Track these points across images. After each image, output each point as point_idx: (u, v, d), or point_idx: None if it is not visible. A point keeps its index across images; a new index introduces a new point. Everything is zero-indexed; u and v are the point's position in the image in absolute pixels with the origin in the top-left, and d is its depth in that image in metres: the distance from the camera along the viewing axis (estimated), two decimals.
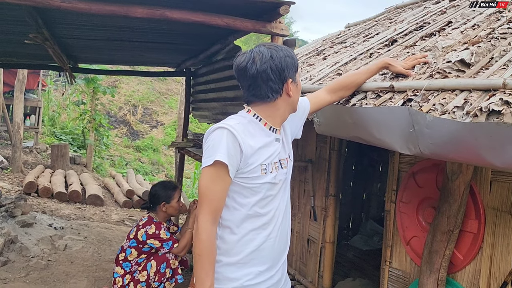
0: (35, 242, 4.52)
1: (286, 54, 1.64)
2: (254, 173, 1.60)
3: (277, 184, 1.68)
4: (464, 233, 2.18)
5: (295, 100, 1.71)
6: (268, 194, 1.65)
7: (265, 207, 1.66)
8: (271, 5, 2.55)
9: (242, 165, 1.57)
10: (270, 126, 1.67)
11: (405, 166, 2.64)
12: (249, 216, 1.64)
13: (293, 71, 1.66)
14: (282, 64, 1.61)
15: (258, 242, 1.66)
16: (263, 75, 1.60)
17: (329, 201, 3.43)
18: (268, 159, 1.63)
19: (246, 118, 1.65)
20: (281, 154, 1.72)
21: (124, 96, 19.01)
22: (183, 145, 5.14)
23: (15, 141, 9.15)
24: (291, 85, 1.65)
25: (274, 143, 1.68)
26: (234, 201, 1.63)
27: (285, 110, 1.71)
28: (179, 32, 3.53)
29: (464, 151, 1.49)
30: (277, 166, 1.68)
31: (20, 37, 3.54)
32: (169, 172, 14.99)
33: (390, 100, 1.88)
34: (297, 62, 1.70)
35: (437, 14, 3.15)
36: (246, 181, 1.60)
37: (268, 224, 1.68)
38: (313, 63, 3.69)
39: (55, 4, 2.21)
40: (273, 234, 1.70)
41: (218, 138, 1.54)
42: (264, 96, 1.64)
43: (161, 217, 3.28)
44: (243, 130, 1.58)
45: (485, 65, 1.76)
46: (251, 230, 1.65)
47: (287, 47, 1.70)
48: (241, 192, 1.62)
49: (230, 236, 1.65)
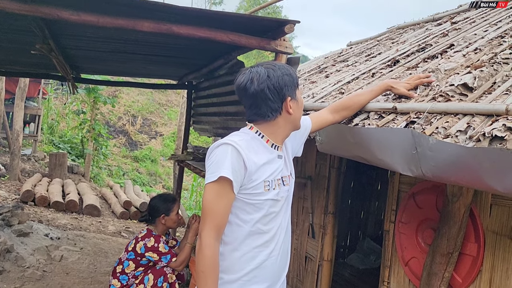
0: (31, 252, 4.48)
1: (284, 72, 1.65)
2: (258, 189, 1.60)
3: (279, 201, 1.69)
4: (463, 256, 2.18)
5: (296, 117, 1.72)
6: (271, 211, 1.66)
7: (268, 224, 1.66)
8: (276, 23, 2.58)
9: (245, 181, 1.58)
10: (272, 143, 1.69)
11: (405, 187, 2.65)
12: (252, 233, 1.64)
13: (292, 89, 1.67)
14: (280, 83, 1.63)
15: (260, 260, 1.66)
16: (261, 95, 1.63)
17: (328, 219, 3.43)
18: (271, 175, 1.64)
19: (249, 135, 1.67)
20: (283, 171, 1.73)
21: (124, 106, 19.05)
22: (183, 158, 5.14)
23: (14, 148, 9.13)
24: (290, 103, 1.66)
25: (276, 160, 1.69)
26: (237, 217, 1.63)
27: (286, 128, 1.72)
28: (183, 46, 3.56)
29: (466, 175, 1.50)
30: (280, 183, 1.69)
31: (26, 47, 3.56)
32: (166, 183, 14.95)
33: (392, 121, 1.90)
34: (297, 79, 1.71)
35: (439, 36, 3.19)
36: (249, 197, 1.61)
37: (270, 242, 1.68)
38: (315, 80, 3.72)
39: (64, 16, 2.23)
40: (275, 252, 1.70)
41: (223, 154, 1.55)
42: (264, 115, 1.66)
43: (160, 229, 3.27)
44: (247, 146, 1.59)
45: (487, 89, 1.78)
46: (253, 247, 1.64)
47: (286, 65, 1.72)
48: (244, 208, 1.62)
49: (231, 253, 1.64)
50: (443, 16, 4.16)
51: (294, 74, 1.70)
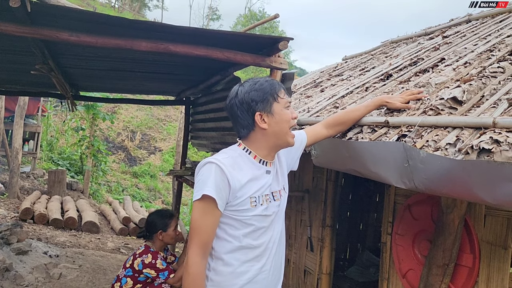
0: (29, 270, 4.47)
1: (253, 88, 1.66)
2: (243, 206, 1.63)
3: (269, 216, 1.70)
4: (459, 267, 2.20)
5: (276, 131, 1.68)
6: (260, 226, 1.67)
7: (258, 239, 1.68)
8: (270, 41, 2.64)
9: (231, 198, 1.61)
10: (260, 159, 1.71)
11: (401, 198, 2.68)
12: (242, 247, 1.66)
13: (263, 103, 1.65)
14: (246, 99, 1.65)
15: (252, 275, 1.67)
16: (232, 112, 1.70)
17: (326, 232, 3.44)
18: (258, 191, 1.66)
19: (237, 152, 1.70)
20: (273, 186, 1.74)
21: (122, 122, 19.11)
22: (181, 173, 5.17)
23: (13, 166, 9.14)
24: (263, 118, 1.66)
25: (264, 176, 1.71)
26: (225, 233, 1.65)
27: (269, 142, 1.70)
28: (180, 63, 3.62)
29: (457, 187, 1.53)
30: (269, 198, 1.70)
31: (26, 67, 3.62)
32: (166, 198, 14.92)
33: (385, 134, 1.94)
34: (273, 93, 1.67)
35: (431, 50, 3.25)
36: (236, 214, 1.63)
37: (262, 256, 1.70)
38: (310, 95, 3.78)
39: (63, 37, 2.29)
40: (267, 266, 1.72)
41: (207, 172, 1.59)
42: (238, 132, 1.72)
43: (157, 245, 3.27)
44: (232, 164, 1.62)
45: (476, 103, 1.83)
46: (244, 262, 1.66)
47: (264, 80, 1.70)
48: (232, 224, 1.65)
49: (222, 268, 1.66)
50: (435, 30, 4.24)
51: (268, 89, 1.67)
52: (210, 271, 1.67)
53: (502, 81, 1.97)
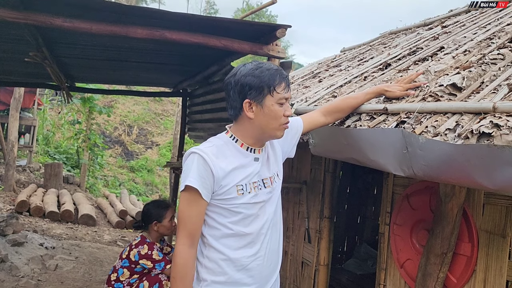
0: (25, 262, 4.45)
1: (251, 73, 1.58)
2: (230, 195, 1.60)
3: (258, 204, 1.67)
4: (457, 256, 2.18)
5: (262, 124, 1.62)
6: (249, 213, 1.65)
7: (248, 226, 1.66)
8: (268, 28, 2.62)
9: (216, 188, 1.59)
10: (247, 147, 1.67)
11: (399, 189, 2.66)
12: (233, 234, 1.64)
13: (255, 92, 1.58)
14: (241, 81, 1.59)
15: (245, 262, 1.66)
16: (226, 90, 1.66)
17: (324, 223, 3.43)
18: (244, 179, 1.63)
19: (222, 140, 1.67)
20: (263, 173, 1.71)
21: (119, 116, 19.05)
22: (178, 165, 5.15)
23: (9, 159, 9.10)
24: (252, 106, 1.60)
25: (252, 163, 1.67)
26: (215, 221, 1.64)
27: (254, 131, 1.65)
28: (177, 53, 3.59)
29: (457, 173, 1.51)
30: (257, 185, 1.67)
31: (20, 56, 3.58)
32: (163, 193, 14.91)
33: (384, 122, 1.91)
34: (268, 84, 1.58)
35: (430, 40, 3.23)
36: (222, 203, 1.62)
37: (254, 243, 1.68)
38: (308, 85, 3.75)
39: (56, 23, 2.25)
40: (261, 252, 1.70)
41: (190, 163, 1.58)
42: (228, 111, 1.68)
43: (153, 236, 3.25)
44: (215, 152, 1.59)
45: (476, 89, 1.80)
46: (236, 248, 1.65)
47: (265, 66, 1.62)
48: (220, 212, 1.63)
49: (215, 255, 1.65)
50: (434, 21, 4.21)
51: (266, 78, 1.58)
52: (204, 258, 1.66)
53: (502, 68, 1.95)
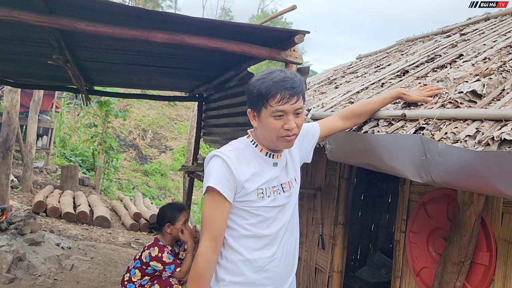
0: (42, 261, 4.52)
1: (255, 82, 1.60)
2: (250, 198, 1.63)
3: (277, 207, 1.70)
4: (475, 265, 2.16)
5: (263, 133, 1.64)
6: (267, 216, 1.68)
7: (267, 228, 1.68)
8: (286, 34, 2.63)
9: (238, 190, 1.62)
10: (266, 152, 1.70)
11: (416, 196, 2.64)
12: (251, 236, 1.67)
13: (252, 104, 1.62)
14: (248, 89, 1.63)
15: (262, 263, 1.68)
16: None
17: (338, 230, 3.41)
18: (264, 184, 1.66)
19: (243, 143, 1.71)
20: (282, 178, 1.74)
21: (134, 120, 19.26)
22: (193, 169, 5.19)
23: (27, 160, 9.26)
24: (253, 116, 1.65)
25: (271, 168, 1.70)
26: (234, 222, 1.67)
27: (261, 138, 1.67)
28: (195, 58, 3.63)
29: (476, 180, 1.50)
30: (276, 190, 1.70)
31: (42, 59, 3.66)
32: (176, 197, 15.00)
33: (402, 128, 1.91)
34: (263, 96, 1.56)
35: (448, 47, 3.21)
36: (243, 205, 1.65)
37: (271, 245, 1.70)
38: (325, 91, 3.75)
39: (80, 27, 2.31)
40: (278, 254, 1.72)
41: (212, 166, 1.61)
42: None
43: (167, 239, 3.25)
44: (237, 156, 1.63)
45: (496, 96, 1.79)
46: (253, 249, 1.67)
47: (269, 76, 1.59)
48: (240, 214, 1.66)
49: (233, 256, 1.68)
50: (452, 28, 4.18)
51: (262, 90, 1.55)
52: (223, 259, 1.69)
53: None
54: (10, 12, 2.25)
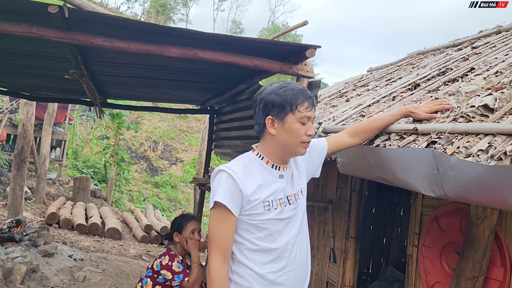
0: (55, 272, 4.56)
1: (276, 91, 1.67)
2: (257, 210, 1.65)
3: (283, 220, 1.71)
4: (489, 280, 2.13)
5: (282, 140, 1.68)
6: (274, 229, 1.69)
7: (274, 242, 1.69)
8: (298, 48, 2.66)
9: (244, 203, 1.64)
10: (272, 164, 1.73)
11: (428, 210, 2.63)
12: (259, 250, 1.68)
13: (278, 109, 1.66)
14: (265, 98, 1.68)
15: (272, 277, 1.69)
16: (253, 106, 1.74)
17: (349, 243, 3.40)
18: (270, 196, 1.68)
19: (249, 157, 1.74)
20: (287, 190, 1.76)
21: (145, 132, 19.43)
22: (204, 181, 5.21)
23: (40, 172, 9.38)
24: (271, 122, 1.68)
25: (277, 180, 1.72)
26: (241, 237, 1.68)
27: (276, 148, 1.71)
28: (207, 71, 3.68)
29: (489, 194, 1.50)
30: (283, 202, 1.72)
31: (58, 73, 3.74)
32: (186, 209, 15.01)
33: (414, 142, 1.92)
34: (290, 102, 1.65)
35: (460, 61, 3.21)
36: (249, 218, 1.66)
37: (280, 258, 1.71)
38: (335, 104, 3.77)
39: (96, 43, 2.37)
40: (289, 267, 1.72)
41: (218, 180, 1.64)
42: (255, 127, 1.75)
43: (178, 249, 3.26)
44: (243, 170, 1.65)
45: (508, 110, 1.79)
46: (262, 264, 1.68)
47: (290, 86, 1.69)
48: (247, 228, 1.67)
49: (242, 270, 1.68)
50: (464, 42, 4.19)
51: (289, 97, 1.65)
52: (233, 274, 1.70)
53: None
54: (30, 28, 2.32)
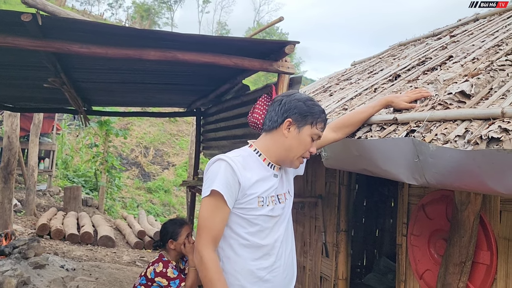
0: (47, 284, 4.51)
1: (305, 102, 1.71)
2: (251, 205, 1.64)
3: (274, 217, 1.71)
4: (477, 264, 2.16)
5: (290, 145, 1.71)
6: (266, 226, 1.68)
7: (265, 239, 1.69)
8: (277, 45, 2.67)
9: (240, 196, 1.62)
10: (268, 162, 1.73)
11: (415, 199, 2.65)
12: (248, 245, 1.67)
13: (299, 117, 1.69)
14: (292, 104, 1.70)
15: (260, 274, 1.68)
16: (274, 104, 1.75)
17: (341, 237, 3.41)
18: (265, 192, 1.68)
19: (246, 152, 1.73)
20: (279, 189, 1.76)
21: (136, 138, 19.32)
22: (194, 183, 5.19)
23: (29, 184, 9.28)
24: (290, 126, 1.70)
25: (271, 178, 1.73)
26: (232, 231, 1.66)
27: (278, 149, 1.73)
28: (190, 73, 3.67)
29: (468, 179, 1.52)
30: (274, 200, 1.72)
31: (39, 82, 3.70)
32: (180, 213, 14.97)
33: (394, 132, 1.93)
34: (314, 117, 1.71)
35: (438, 50, 3.24)
36: (243, 212, 1.65)
37: (269, 255, 1.70)
38: (320, 99, 3.78)
39: (74, 49, 2.35)
40: (277, 264, 1.72)
41: (216, 169, 1.60)
42: (265, 122, 1.76)
43: (172, 255, 3.25)
44: (242, 162, 1.64)
45: (484, 95, 1.81)
46: (251, 260, 1.67)
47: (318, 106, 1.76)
48: (239, 222, 1.66)
49: (231, 267, 1.66)
50: (443, 31, 4.23)
51: (314, 112, 1.71)
52: None
53: (510, 73, 1.96)
54: (5, 38, 2.29)
